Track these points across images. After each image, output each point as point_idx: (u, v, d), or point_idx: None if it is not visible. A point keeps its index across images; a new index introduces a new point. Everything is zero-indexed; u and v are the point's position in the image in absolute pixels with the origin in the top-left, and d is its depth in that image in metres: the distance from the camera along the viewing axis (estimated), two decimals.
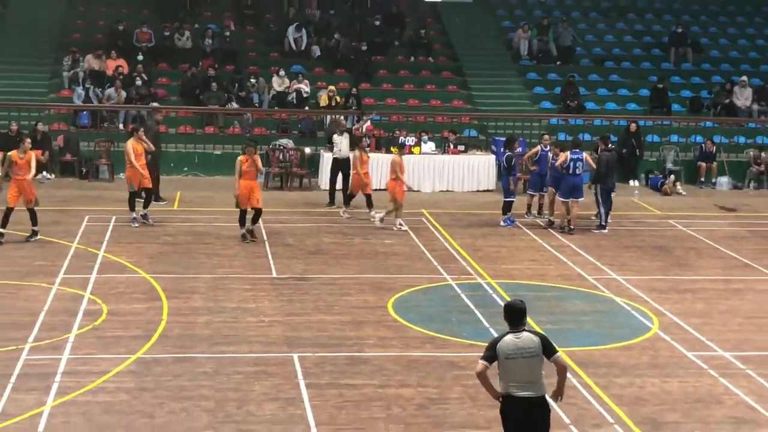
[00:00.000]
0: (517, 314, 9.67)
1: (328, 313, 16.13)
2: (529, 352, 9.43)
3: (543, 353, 9.47)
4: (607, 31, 36.79)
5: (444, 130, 29.16)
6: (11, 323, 15.03)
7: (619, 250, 20.97)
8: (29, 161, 19.68)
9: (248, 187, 20.12)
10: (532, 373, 9.43)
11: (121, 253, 19.10)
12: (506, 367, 9.44)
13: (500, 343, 9.50)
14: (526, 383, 9.43)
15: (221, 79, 30.37)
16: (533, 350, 9.42)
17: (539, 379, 9.48)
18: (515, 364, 9.42)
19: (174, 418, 11.92)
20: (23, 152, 19.73)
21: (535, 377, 9.46)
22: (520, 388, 9.43)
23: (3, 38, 31.87)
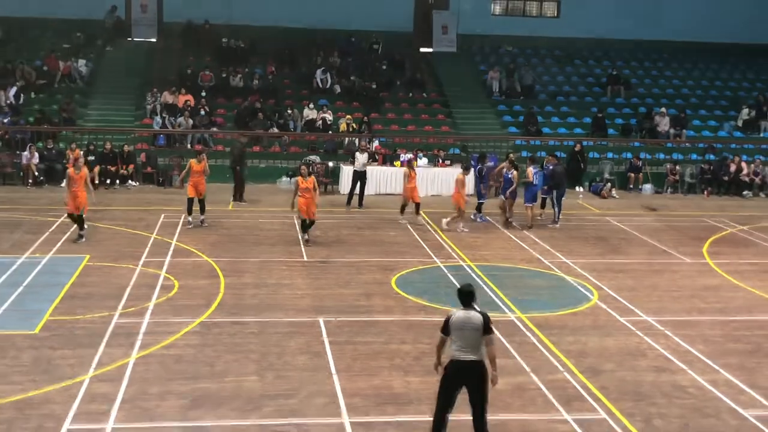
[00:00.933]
0: (466, 296, 9.64)
1: (346, 288, 16.12)
2: (473, 325, 9.40)
3: (482, 329, 9.40)
4: (559, 73, 36.66)
5: (435, 148, 29.12)
6: (106, 294, 15.04)
7: (568, 240, 20.93)
8: (84, 176, 18.88)
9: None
10: (475, 342, 9.41)
11: (189, 242, 19.11)
12: (456, 336, 9.44)
13: (453, 318, 9.51)
14: (469, 348, 9.41)
15: (265, 110, 30.31)
16: (477, 325, 9.40)
17: (480, 348, 9.45)
18: (462, 334, 9.42)
19: (229, 367, 11.94)
20: (78, 168, 19.00)
21: (477, 345, 9.43)
22: (464, 353, 9.42)
23: (101, 78, 31.86)
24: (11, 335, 12.80)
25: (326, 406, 10.77)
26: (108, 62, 33.17)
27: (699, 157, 31.25)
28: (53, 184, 26.30)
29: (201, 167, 20.71)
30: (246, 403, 10.76)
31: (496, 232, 21.59)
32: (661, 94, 35.53)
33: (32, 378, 11.27)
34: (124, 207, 23.24)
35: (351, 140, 29.23)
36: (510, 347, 13.09)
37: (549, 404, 11.08)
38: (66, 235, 19.19)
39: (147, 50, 34.30)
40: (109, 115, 30.25)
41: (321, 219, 22.33)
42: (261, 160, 28.78)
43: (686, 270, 18.41)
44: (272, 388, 11.24)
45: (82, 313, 13.93)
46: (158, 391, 11.03)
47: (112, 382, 11.23)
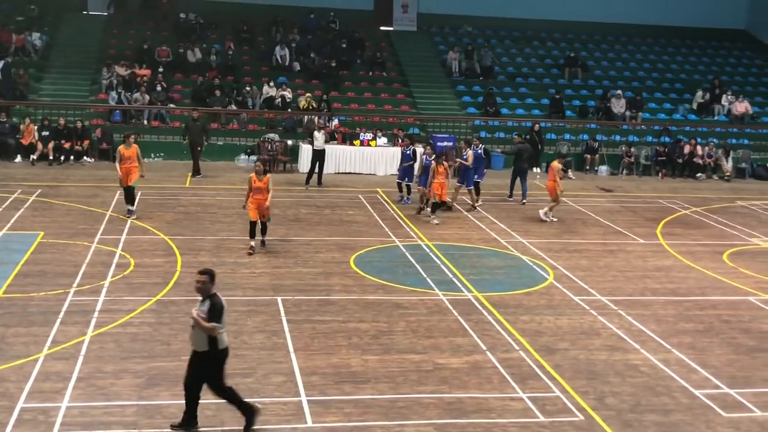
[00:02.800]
0: None
1: (305, 266, 16.08)
2: None
3: None
4: (518, 55, 36.77)
5: (394, 128, 29.08)
6: (61, 272, 14.83)
7: (524, 221, 21.08)
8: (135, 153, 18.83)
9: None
10: None
11: (145, 220, 18.88)
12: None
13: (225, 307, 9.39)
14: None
15: (223, 87, 29.97)
16: None
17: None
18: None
19: (185, 346, 11.67)
20: (129, 145, 18.88)
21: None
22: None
23: (56, 54, 31.22)
24: None
25: (283, 385, 10.77)
26: (63, 36, 32.51)
27: (654, 139, 31.63)
28: (6, 159, 25.77)
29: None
30: None
31: (454, 213, 21.66)
32: (617, 77, 35.84)
33: None
34: (79, 183, 22.86)
35: (310, 118, 29.03)
36: (467, 326, 13.18)
37: (504, 382, 11.19)
38: (20, 212, 18.84)
39: (103, 24, 33.67)
40: (63, 90, 29.68)
41: (280, 198, 22.24)
42: (219, 137, 28.49)
43: (640, 251, 18.66)
44: (229, 367, 11.02)
45: (36, 291, 13.73)
46: (114, 369, 10.93)
47: (67, 360, 11.10)
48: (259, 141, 27.56)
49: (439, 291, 14.90)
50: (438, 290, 14.94)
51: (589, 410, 10.51)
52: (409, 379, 11.14)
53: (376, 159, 27.19)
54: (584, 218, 21.80)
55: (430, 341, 12.49)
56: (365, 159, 27.19)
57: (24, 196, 20.58)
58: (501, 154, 29.48)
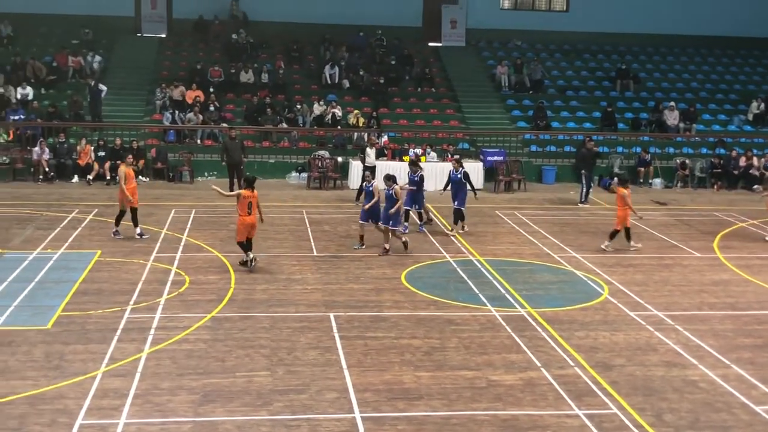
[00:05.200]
0: None
1: (356, 282, 16.12)
2: None
3: None
4: (569, 68, 36.51)
5: (443, 143, 29.07)
6: (117, 290, 15.09)
7: (578, 235, 20.87)
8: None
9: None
10: None
11: (199, 237, 19.14)
12: None
13: None
14: None
15: (274, 106, 30.32)
16: None
17: None
18: None
19: (240, 362, 11.96)
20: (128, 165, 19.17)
21: None
22: None
23: (111, 75, 31.88)
24: (24, 330, 12.86)
25: (337, 401, 10.78)
26: (117, 58, 33.21)
27: (709, 151, 31.10)
28: (64, 179, 26.39)
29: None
30: (256, 399, 10.78)
31: (506, 227, 21.55)
32: (670, 88, 35.37)
33: (45, 373, 11.32)
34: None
35: (360, 135, 29.20)
36: (521, 342, 13.08)
37: (560, 399, 11.06)
38: (77, 231, 19.23)
39: (156, 46, 34.33)
40: (119, 111, 30.28)
41: (331, 214, 22.40)
42: (270, 155, 28.78)
43: (696, 264, 18.34)
44: (283, 384, 11.27)
45: (93, 309, 13.98)
46: (170, 386, 11.07)
47: (124, 377, 11.28)
48: (310, 158, 27.78)
49: (491, 307, 14.81)
50: (490, 306, 14.85)
51: (646, 427, 10.34)
52: (462, 396, 11.08)
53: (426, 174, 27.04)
54: (638, 232, 21.46)
55: (484, 357, 12.42)
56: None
57: (81, 215, 21.02)
58: (552, 167, 29.29)
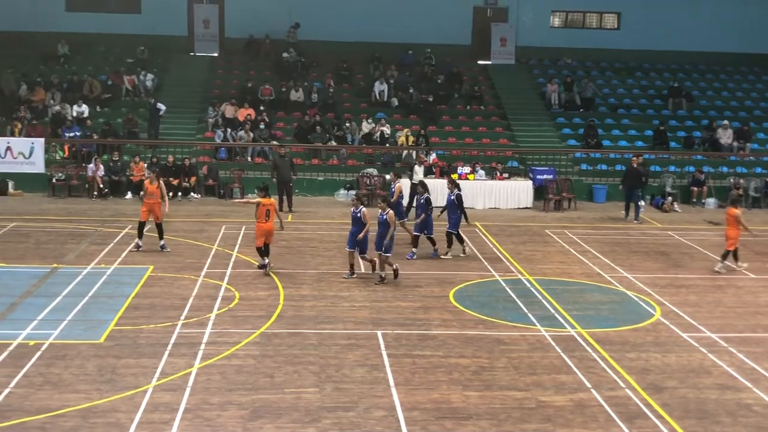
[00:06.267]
0: None
1: (404, 300, 16.11)
2: None
3: None
4: (620, 86, 36.22)
5: (492, 161, 28.98)
6: (169, 305, 15.28)
7: (629, 255, 20.61)
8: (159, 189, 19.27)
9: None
10: None
11: (249, 254, 19.28)
12: None
13: None
14: None
15: (324, 124, 30.57)
16: None
17: None
18: None
19: (288, 378, 12.02)
20: (153, 181, 19.40)
21: None
22: None
23: (164, 93, 32.45)
24: (77, 344, 13.09)
25: (384, 419, 10.76)
26: (171, 77, 33.82)
27: (763, 170, 30.54)
28: (118, 196, 26.88)
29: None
30: (305, 415, 10.81)
31: (556, 246, 21.38)
32: (723, 107, 34.87)
33: (97, 387, 11.49)
34: (186, 219, 23.61)
35: (408, 153, 29.27)
36: (571, 363, 12.93)
37: (611, 421, 10.90)
38: (130, 246, 19.54)
39: (209, 65, 34.89)
40: (172, 129, 30.81)
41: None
42: (319, 172, 29.00)
43: (750, 286, 17.97)
44: (331, 401, 11.29)
45: (145, 323, 14.18)
46: (219, 401, 11.16)
47: (175, 391, 11.40)
48: (358, 176, 27.91)
49: (541, 327, 14.68)
50: (540, 326, 14.72)
51: None
52: (511, 416, 10.98)
53: (475, 192, 27.11)
54: (691, 252, 21.16)
55: (533, 378, 12.31)
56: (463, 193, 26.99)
57: (134, 231, 21.32)
58: (603, 186, 29.03)
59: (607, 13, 38.13)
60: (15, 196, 26.96)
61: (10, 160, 27.08)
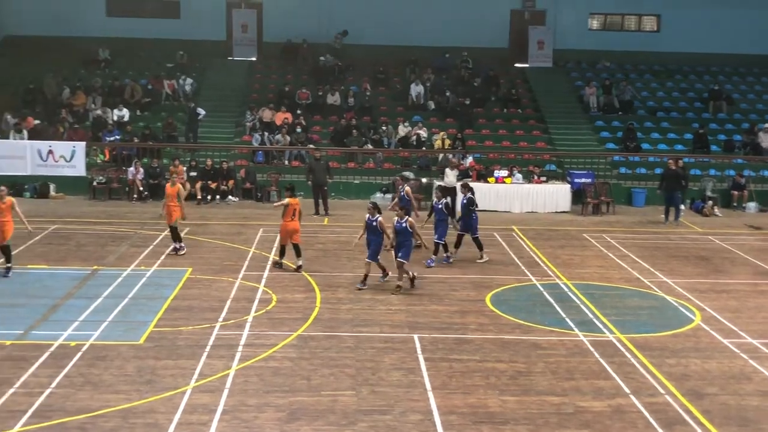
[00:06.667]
0: None
1: (440, 304, 16.09)
2: None
3: None
4: (659, 89, 35.81)
5: (530, 165, 28.82)
6: (207, 307, 15.42)
7: (668, 259, 20.38)
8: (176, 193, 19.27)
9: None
10: None
11: (286, 257, 19.30)
12: None
13: None
14: None
15: (360, 127, 30.64)
16: None
17: None
18: None
19: (325, 381, 12.06)
20: (173, 184, 19.47)
21: None
22: None
23: (203, 97, 32.72)
24: (117, 345, 13.25)
25: (421, 423, 10.75)
26: (209, 81, 34.13)
27: None
28: (157, 198, 27.12)
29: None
30: (341, 418, 10.84)
31: (594, 250, 21.20)
32: (764, 110, 34.28)
33: (137, 387, 11.62)
34: (224, 222, 23.81)
35: (445, 156, 29.21)
36: (609, 368, 12.81)
37: (650, 427, 10.78)
38: (170, 249, 19.73)
39: (247, 69, 35.15)
40: (210, 133, 31.07)
41: None
42: (356, 176, 29.06)
43: None
44: (367, 404, 11.30)
45: (184, 325, 14.32)
46: (257, 403, 11.23)
47: (213, 393, 11.49)
48: (395, 179, 27.90)
49: (579, 331, 14.56)
50: (578, 331, 14.61)
51: None
52: (549, 421, 10.91)
53: (512, 196, 27.01)
54: (732, 257, 20.86)
55: (571, 383, 12.21)
56: (500, 196, 27.06)
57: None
58: (642, 189, 28.73)
59: (647, 16, 37.75)
60: (56, 198, 27.39)
61: (51, 163, 27.50)
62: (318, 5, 35.65)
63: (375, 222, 16.88)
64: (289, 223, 18.10)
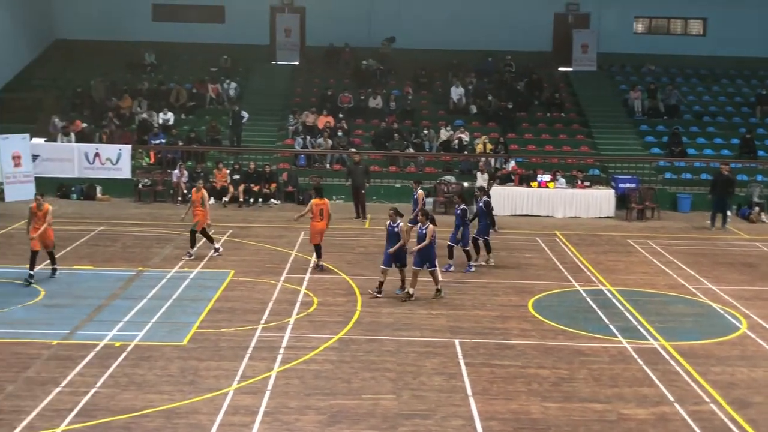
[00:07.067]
0: None
1: (482, 309, 16.02)
2: None
3: None
4: (705, 93, 35.32)
5: (573, 169, 28.59)
6: (249, 309, 15.53)
7: (714, 266, 20.06)
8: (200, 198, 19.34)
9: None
10: None
11: (327, 260, 19.43)
12: None
13: None
14: None
15: (402, 131, 30.65)
16: None
17: None
18: None
19: (366, 384, 12.07)
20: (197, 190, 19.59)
21: None
22: None
23: (246, 101, 33.00)
24: (161, 346, 13.40)
25: (462, 429, 10.70)
26: (253, 85, 34.40)
27: None
28: None
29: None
30: (382, 422, 10.83)
31: (639, 256, 20.95)
32: None
33: (180, 388, 11.74)
34: (267, 224, 23.97)
35: (487, 160, 29.12)
36: (653, 375, 12.65)
37: None
38: (212, 251, 19.92)
39: (290, 73, 35.37)
40: (254, 136, 31.32)
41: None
42: (397, 180, 29.06)
43: None
44: (408, 408, 11.28)
45: (226, 327, 14.43)
46: (298, 405, 11.27)
47: (255, 394, 11.56)
48: (436, 183, 27.89)
49: (622, 338, 14.40)
50: (621, 337, 14.44)
51: None
52: (591, 429, 10.79)
53: (555, 201, 26.80)
54: None
55: (614, 390, 12.07)
56: (543, 201, 26.86)
57: (216, 236, 21.71)
58: (688, 195, 28.34)
59: (693, 19, 37.28)
60: (102, 201, 27.81)
61: (98, 165, 27.97)
62: (360, 9, 35.78)
63: (396, 228, 16.51)
64: (316, 224, 18.56)
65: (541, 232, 23.66)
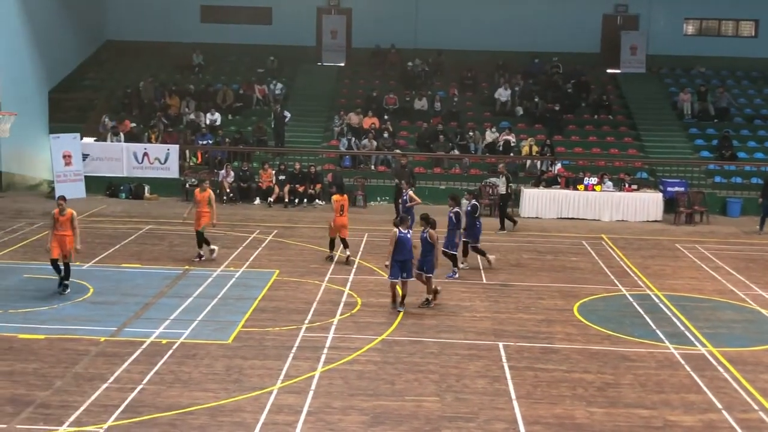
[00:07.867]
0: None
1: (526, 312, 15.91)
2: None
3: None
4: (757, 96, 34.66)
5: (620, 172, 28.27)
6: (293, 309, 15.62)
7: (764, 272, 19.67)
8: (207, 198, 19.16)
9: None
10: None
11: (371, 261, 19.50)
12: None
13: None
14: None
15: (447, 132, 30.60)
16: None
17: None
18: None
19: (409, 386, 12.06)
20: (202, 190, 19.37)
21: None
22: None
23: (292, 102, 33.21)
24: (207, 344, 13.55)
25: None
26: (299, 86, 34.62)
27: None
28: (246, 201, 27.69)
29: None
30: (425, 424, 10.82)
31: (687, 261, 20.64)
32: None
33: (225, 386, 11.86)
34: (311, 225, 24.10)
35: (533, 163, 28.92)
36: (700, 382, 12.45)
37: None
38: (258, 250, 20.07)
39: (335, 74, 35.52)
40: (299, 137, 31.51)
41: (501, 242, 22.21)
42: (441, 181, 29.02)
43: None
44: (451, 410, 11.25)
45: (271, 326, 14.54)
46: (341, 405, 11.31)
47: (298, 394, 11.63)
48: (481, 185, 27.78)
49: (669, 344, 14.20)
50: (668, 343, 14.24)
51: None
52: None
53: (601, 204, 26.53)
54: None
55: (660, 396, 11.91)
56: (589, 204, 26.60)
57: (262, 236, 21.97)
58: (738, 199, 27.85)
59: (744, 21, 36.60)
60: (150, 200, 28.20)
61: (146, 165, 28.42)
62: (407, 10, 35.80)
63: (426, 234, 16.02)
64: (337, 219, 19.19)
65: (588, 235, 23.44)
